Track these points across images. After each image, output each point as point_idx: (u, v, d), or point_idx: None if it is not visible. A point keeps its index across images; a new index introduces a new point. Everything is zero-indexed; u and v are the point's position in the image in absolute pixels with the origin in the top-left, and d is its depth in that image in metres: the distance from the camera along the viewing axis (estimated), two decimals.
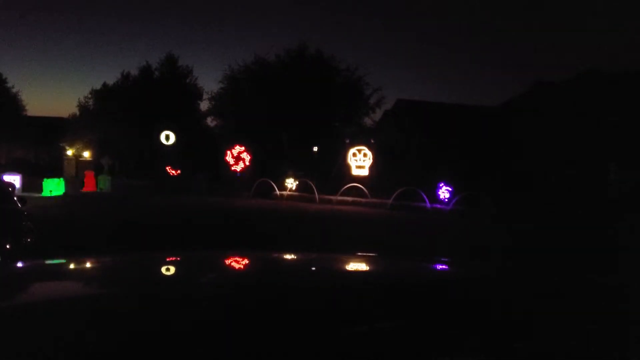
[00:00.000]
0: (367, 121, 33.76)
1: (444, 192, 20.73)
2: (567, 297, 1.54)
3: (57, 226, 10.96)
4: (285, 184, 24.14)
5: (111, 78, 49.93)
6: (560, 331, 1.16)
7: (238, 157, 25.49)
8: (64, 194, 21.52)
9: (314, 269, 2.05)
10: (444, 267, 2.23)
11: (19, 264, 2.01)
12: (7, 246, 5.27)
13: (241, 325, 1.07)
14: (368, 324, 1.12)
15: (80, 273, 1.84)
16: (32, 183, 21.67)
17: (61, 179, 22.83)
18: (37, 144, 39.41)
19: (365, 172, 23.14)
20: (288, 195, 23.55)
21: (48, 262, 2.01)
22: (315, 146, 24.32)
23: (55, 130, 38.51)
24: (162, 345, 0.96)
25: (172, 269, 1.90)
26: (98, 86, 40.86)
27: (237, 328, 1.05)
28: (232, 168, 25.61)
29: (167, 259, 2.06)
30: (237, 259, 2.15)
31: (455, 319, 1.19)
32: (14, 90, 41.85)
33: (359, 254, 2.52)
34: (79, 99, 42.01)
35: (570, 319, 1.28)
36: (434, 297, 1.44)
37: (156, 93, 35.75)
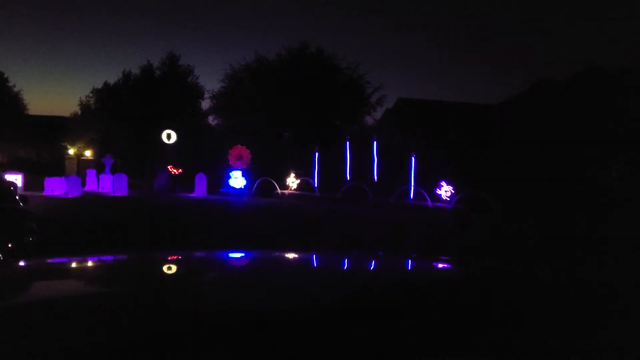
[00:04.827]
0: (369, 120, 33.80)
1: (445, 191, 20.73)
2: (567, 296, 1.54)
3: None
4: (287, 183, 24.17)
5: (112, 77, 49.96)
6: (561, 330, 1.16)
7: (239, 156, 25.51)
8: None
9: (315, 267, 2.06)
10: (445, 265, 2.23)
11: (21, 263, 2.02)
12: (9, 245, 5.28)
13: (241, 325, 1.07)
14: (368, 322, 1.12)
15: (81, 272, 1.84)
16: (33, 182, 21.70)
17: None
18: (39, 143, 39.38)
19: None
20: (289, 194, 23.56)
21: (49, 260, 2.01)
22: (316, 145, 24.31)
23: (57, 129, 38.50)
24: (164, 345, 0.96)
25: (174, 268, 1.90)
26: (99, 85, 40.86)
27: (237, 327, 1.05)
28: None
29: (169, 258, 2.07)
30: (238, 258, 2.16)
31: (457, 318, 1.19)
32: (16, 89, 41.89)
33: (359, 252, 2.53)
34: (80, 98, 42.01)
35: (571, 318, 1.28)
36: (434, 295, 1.44)
37: (157, 92, 35.75)
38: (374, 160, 23.20)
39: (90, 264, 1.95)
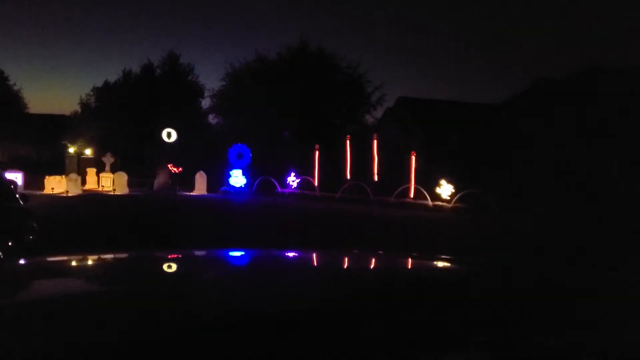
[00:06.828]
0: (369, 119, 33.81)
1: (445, 190, 20.73)
2: (569, 293, 1.54)
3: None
4: (287, 182, 24.18)
5: (113, 76, 49.80)
6: (562, 327, 1.16)
7: (239, 155, 25.51)
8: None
9: (315, 266, 2.06)
10: (445, 264, 2.23)
11: (21, 262, 2.02)
12: (9, 244, 5.28)
13: (241, 324, 1.07)
14: (369, 320, 1.13)
15: (81, 271, 1.84)
16: (34, 180, 21.69)
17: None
18: (39, 142, 39.41)
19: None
20: (290, 193, 23.58)
21: (49, 259, 2.01)
22: (316, 144, 24.33)
23: (57, 128, 38.50)
24: (164, 344, 0.96)
25: (174, 267, 1.90)
26: (100, 84, 40.84)
27: (237, 327, 1.06)
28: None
29: (168, 257, 2.07)
30: (238, 257, 2.16)
31: (458, 315, 1.19)
32: (16, 87, 41.90)
33: (359, 251, 2.53)
34: (80, 96, 41.94)
35: (572, 314, 1.28)
36: (435, 294, 1.44)
37: (158, 91, 35.76)
38: (374, 159, 23.18)
39: (90, 262, 1.95)
